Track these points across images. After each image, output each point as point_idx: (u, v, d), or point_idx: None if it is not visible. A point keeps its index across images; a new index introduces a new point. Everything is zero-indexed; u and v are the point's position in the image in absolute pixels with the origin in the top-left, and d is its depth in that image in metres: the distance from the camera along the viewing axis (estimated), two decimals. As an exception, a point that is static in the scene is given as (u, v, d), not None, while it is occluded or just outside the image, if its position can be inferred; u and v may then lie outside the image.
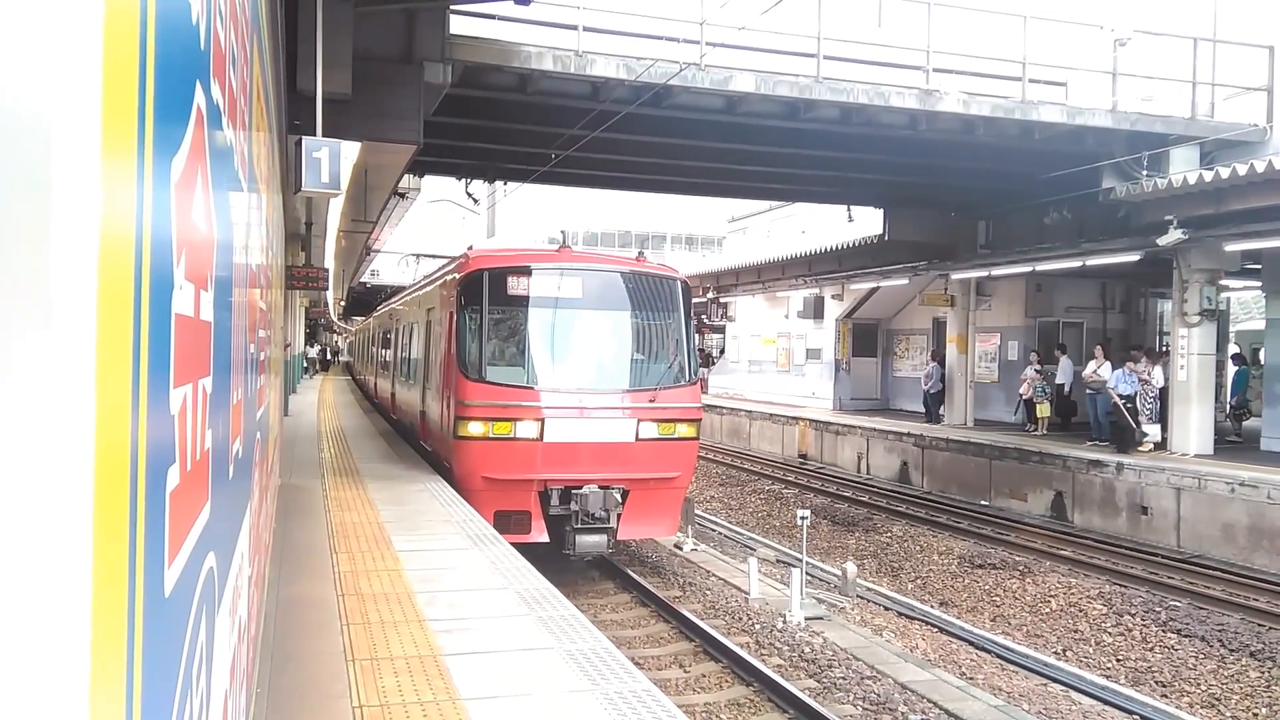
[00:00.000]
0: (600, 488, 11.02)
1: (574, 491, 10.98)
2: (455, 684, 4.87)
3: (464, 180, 21.08)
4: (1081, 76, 16.41)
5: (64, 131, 0.84)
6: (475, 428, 10.81)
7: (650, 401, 11.23)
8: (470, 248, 12.47)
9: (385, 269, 49.57)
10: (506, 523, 10.60)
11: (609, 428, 11.07)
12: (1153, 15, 19.24)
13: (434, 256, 26.45)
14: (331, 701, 4.64)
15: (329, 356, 64.27)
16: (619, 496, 11.07)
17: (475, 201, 23.50)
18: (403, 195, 20.61)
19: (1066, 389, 20.67)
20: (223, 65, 2.16)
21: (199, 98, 1.68)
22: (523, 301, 11.40)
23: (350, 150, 12.89)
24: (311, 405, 25.86)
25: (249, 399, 3.64)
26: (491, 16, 13.25)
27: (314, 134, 8.89)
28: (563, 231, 12.74)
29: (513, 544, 8.42)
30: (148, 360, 1.16)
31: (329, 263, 24.14)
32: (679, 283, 12.08)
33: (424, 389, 14.10)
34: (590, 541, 11.05)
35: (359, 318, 54.46)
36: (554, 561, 10.68)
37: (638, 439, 11.13)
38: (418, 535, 8.59)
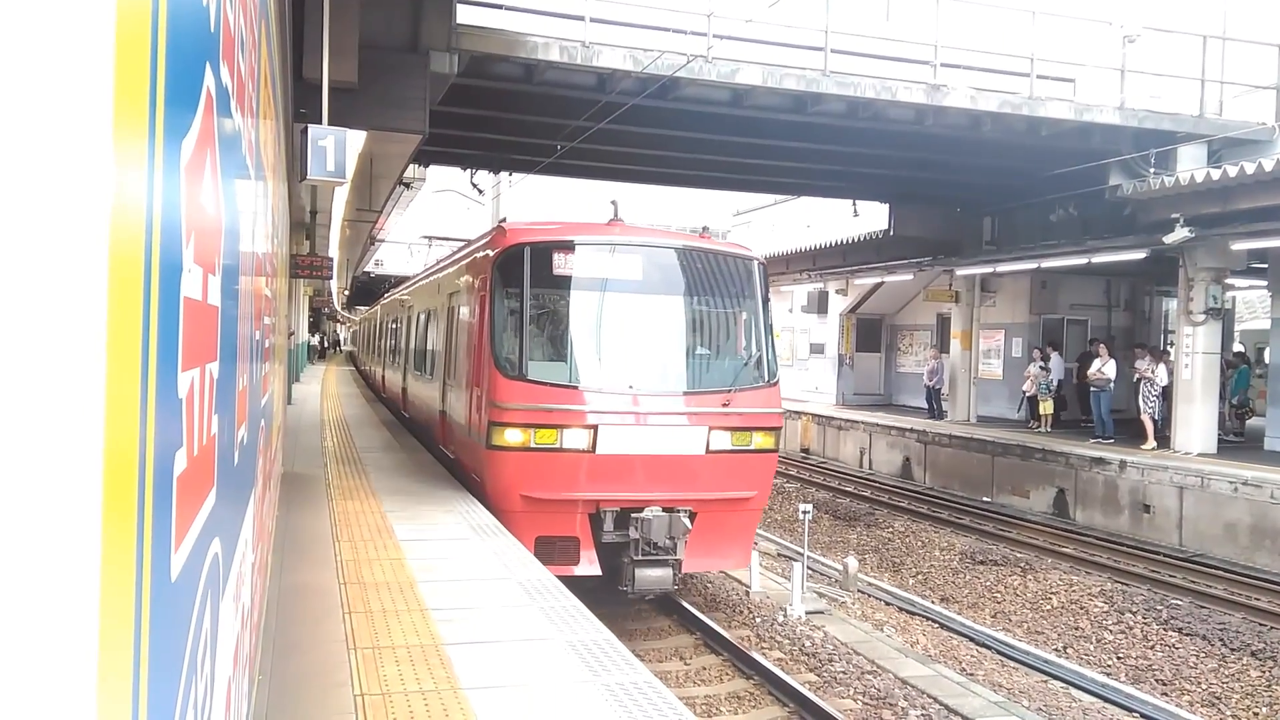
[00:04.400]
0: (664, 510, 9.23)
1: (633, 515, 9.21)
2: (456, 673, 4.88)
3: (469, 170, 21.07)
4: (1089, 73, 16.35)
5: (76, 108, 0.83)
6: (513, 435, 9.03)
7: (724, 405, 9.43)
8: (504, 219, 10.57)
9: (390, 258, 49.61)
10: (550, 551, 8.93)
11: (674, 437, 9.30)
12: (1162, 12, 19.15)
13: (447, 239, 23.70)
14: (333, 689, 4.65)
15: (326, 345, 64.28)
16: (687, 521, 9.24)
17: (480, 192, 23.49)
18: (408, 185, 20.61)
19: (1056, 385, 20.74)
20: (232, 49, 2.15)
21: (209, 80, 1.67)
22: (571, 283, 9.61)
23: (356, 139, 12.87)
24: (314, 394, 25.88)
25: (254, 385, 3.63)
26: (498, 6, 13.22)
27: (319, 122, 8.86)
28: (614, 201, 10.58)
29: (559, 576, 7.17)
30: (157, 343, 1.15)
31: (333, 252, 24.12)
32: (755, 263, 10.26)
33: (444, 386, 12.25)
34: (653, 576, 9.25)
35: (363, 307, 54.48)
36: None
37: (708, 450, 9.36)
38: (420, 524, 8.59)
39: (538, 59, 12.76)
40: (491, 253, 9.86)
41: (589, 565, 9.29)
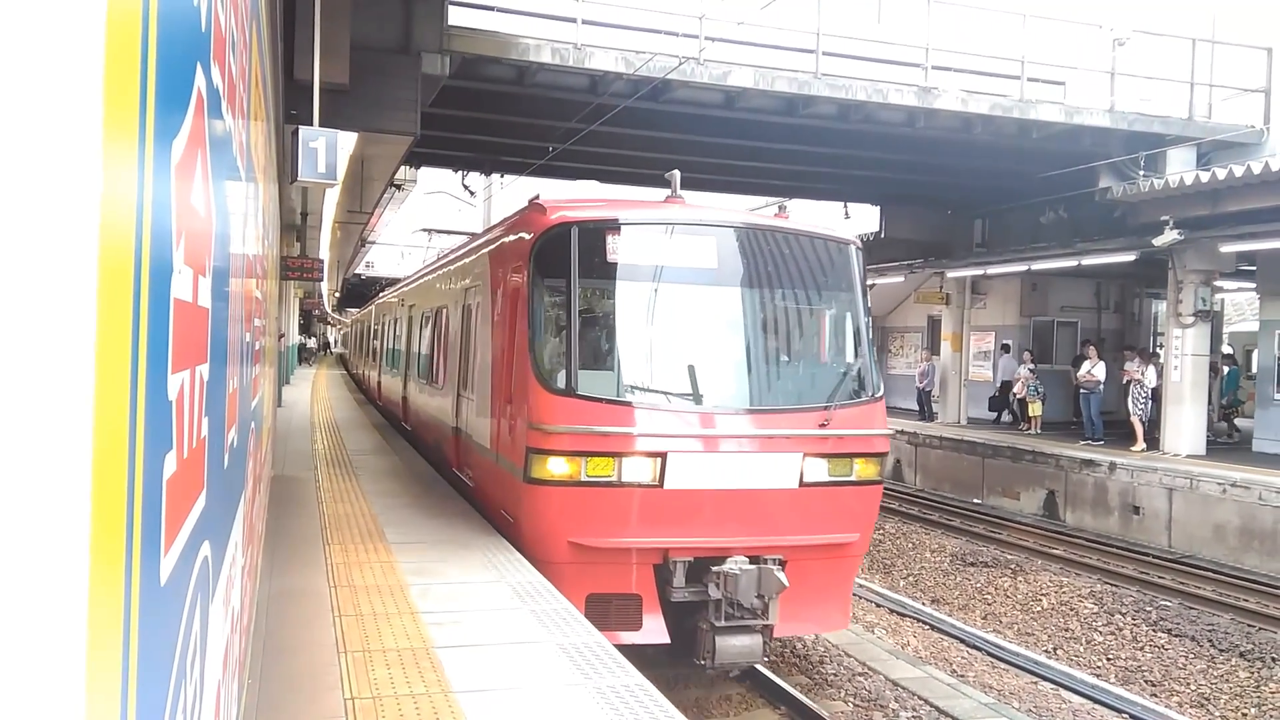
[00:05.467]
0: (749, 559, 7.41)
1: (712, 567, 7.41)
2: (447, 676, 4.86)
3: (461, 172, 21.04)
4: (1080, 76, 16.42)
5: (66, 109, 0.83)
6: (558, 466, 7.19)
7: (821, 426, 7.65)
8: (536, 196, 8.77)
9: (381, 260, 49.54)
10: (605, 613, 7.20)
11: (761, 466, 7.51)
12: (1152, 16, 19.25)
13: (449, 232, 21.95)
14: (323, 693, 4.63)
15: (316, 348, 63.94)
16: (782, 576, 7.31)
17: (472, 194, 23.47)
18: (399, 187, 20.58)
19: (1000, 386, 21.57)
20: (223, 49, 2.14)
21: (199, 80, 1.66)
22: (631, 273, 7.82)
23: (347, 141, 12.84)
24: (303, 398, 25.82)
25: (244, 388, 3.62)
26: (490, 8, 13.22)
27: (311, 124, 8.85)
28: (672, 174, 8.82)
29: (618, 647, 5.71)
30: (147, 344, 1.14)
31: (324, 254, 24.07)
32: (852, 248, 8.45)
33: (459, 399, 10.40)
34: (738, 646, 7.41)
35: (354, 309, 54.33)
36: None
37: (801, 483, 7.57)
38: (410, 527, 8.57)
39: (529, 61, 12.76)
40: (527, 236, 7.98)
41: (654, 630, 7.43)
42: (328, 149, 8.64)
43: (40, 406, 0.79)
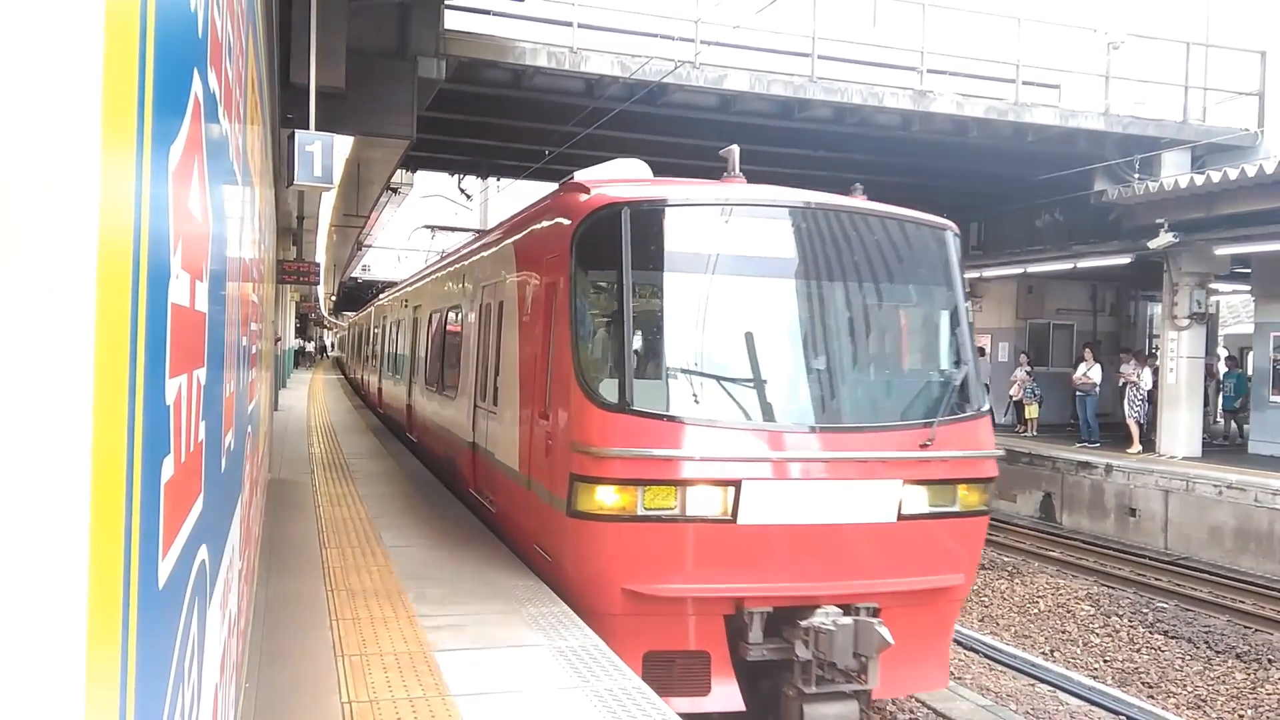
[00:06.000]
0: (839, 607, 6.13)
1: (801, 621, 6.07)
2: (445, 680, 4.86)
3: (457, 176, 21.05)
4: (1074, 79, 16.47)
5: (64, 114, 0.83)
6: (608, 497, 5.98)
7: (922, 447, 6.39)
8: (571, 176, 7.82)
9: (377, 264, 49.54)
10: (666, 674, 6.05)
11: (856, 497, 6.24)
12: (1146, 19, 19.33)
13: (453, 229, 20.50)
14: (321, 697, 4.63)
15: (313, 351, 63.79)
16: (884, 631, 5.89)
17: (468, 197, 23.48)
18: (395, 190, 20.60)
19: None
20: (219, 55, 2.15)
21: (196, 86, 1.66)
22: (695, 263, 6.61)
23: (343, 144, 12.85)
24: (300, 401, 25.80)
25: (241, 392, 3.62)
26: (486, 12, 13.24)
27: (307, 127, 8.85)
28: (729, 150, 7.78)
29: (684, 715, 5.01)
30: (145, 349, 1.15)
31: (320, 257, 24.07)
32: (949, 235, 7.26)
33: (475, 412, 9.22)
34: (833, 716, 6.11)
35: (350, 313, 54.27)
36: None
37: (900, 517, 6.32)
38: (407, 531, 8.56)
39: (526, 65, 12.78)
40: (566, 221, 6.81)
41: (725, 696, 6.19)
42: (324, 153, 8.65)
43: (40, 411, 0.80)
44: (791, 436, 6.27)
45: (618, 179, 7.61)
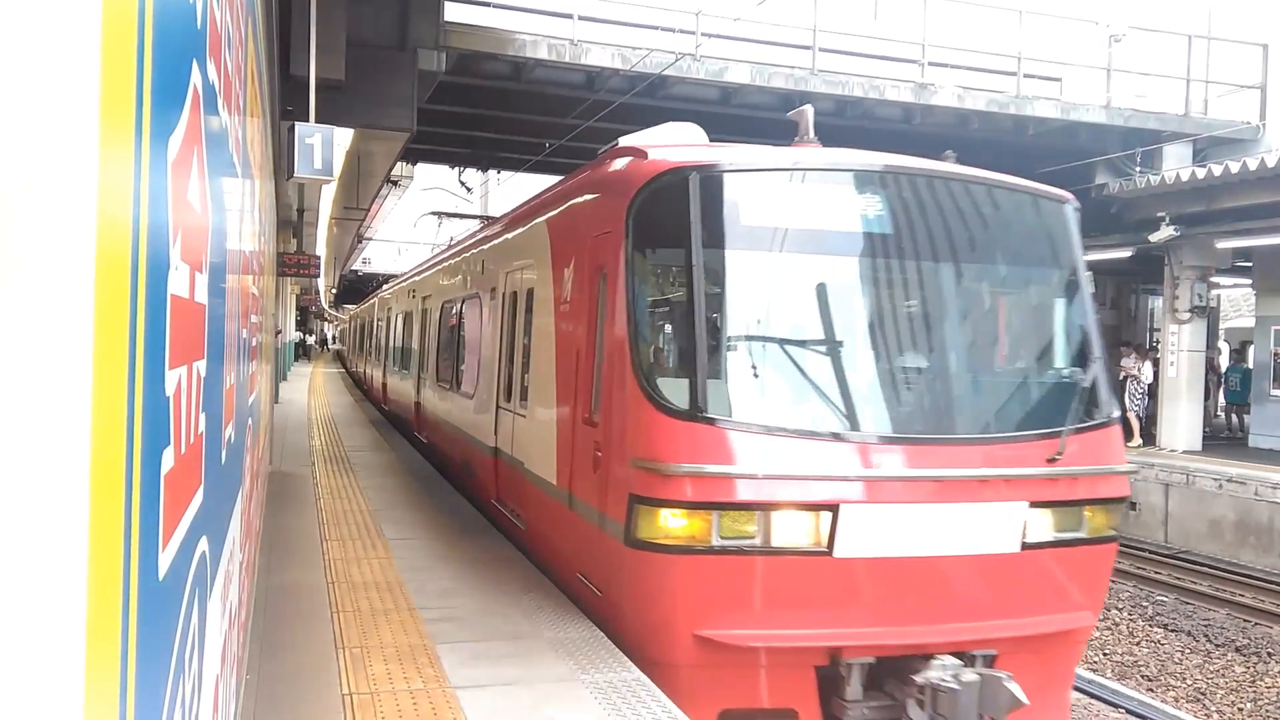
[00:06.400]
0: (954, 656, 5.16)
1: (915, 676, 5.07)
2: (445, 671, 4.87)
3: (457, 169, 21.03)
4: (1076, 72, 16.45)
5: (62, 105, 0.83)
6: (676, 522, 5.02)
7: (1050, 462, 5.40)
8: (616, 143, 6.82)
9: (377, 257, 49.54)
10: None
11: (975, 522, 5.22)
12: (1148, 12, 19.29)
13: (462, 216, 19.62)
14: (321, 689, 4.64)
15: (309, 344, 63.68)
16: (1016, 689, 5.01)
17: (468, 190, 23.46)
18: (395, 183, 20.58)
19: None
20: (219, 46, 2.14)
21: (195, 77, 1.66)
22: (778, 241, 5.55)
23: (343, 137, 12.84)
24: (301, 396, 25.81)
25: (241, 384, 3.62)
26: (487, 4, 13.23)
27: (307, 120, 8.84)
28: (802, 110, 7.07)
29: None
30: (144, 340, 1.14)
31: (320, 250, 24.06)
32: (1069, 209, 6.19)
33: (499, 414, 8.31)
34: None
35: (351, 306, 54.26)
36: None
37: (1024, 545, 5.34)
38: (408, 524, 8.58)
39: (526, 57, 12.76)
40: (622, 192, 5.73)
41: None
42: (324, 145, 8.64)
43: (39, 402, 0.80)
44: (897, 450, 5.23)
45: (673, 144, 6.42)
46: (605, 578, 5.60)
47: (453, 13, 12.44)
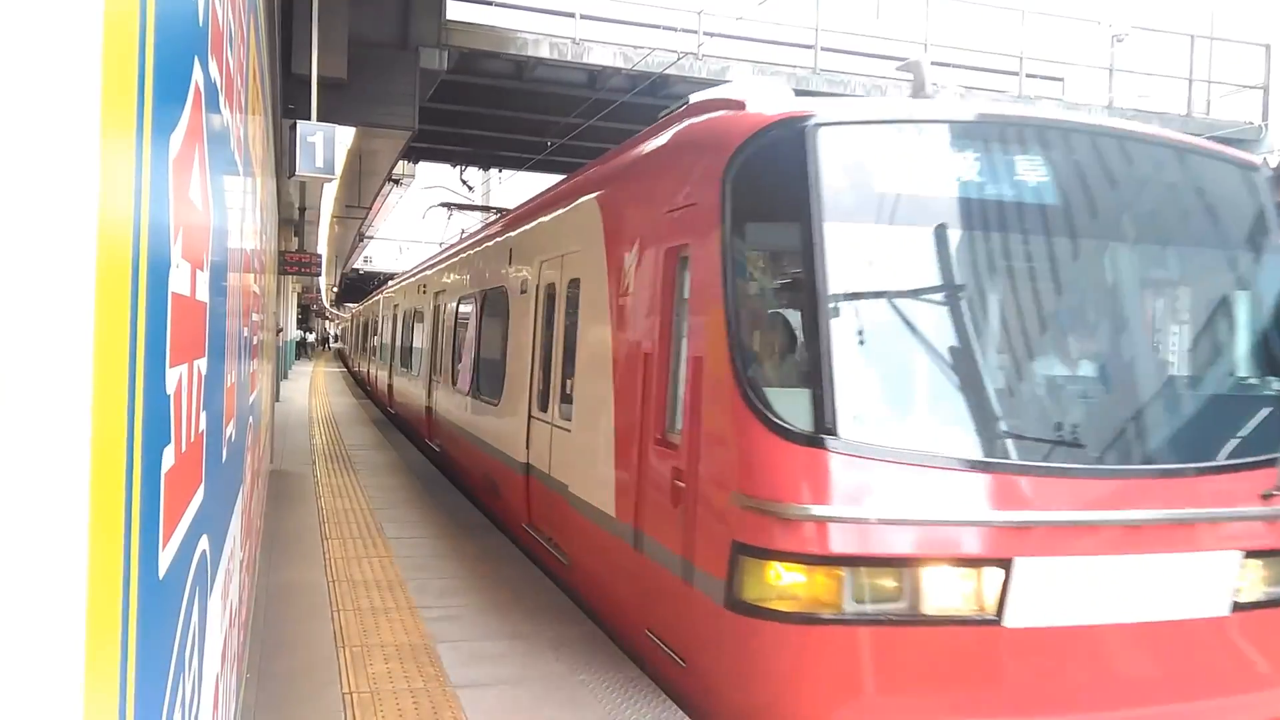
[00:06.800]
0: None
1: None
2: (446, 670, 4.87)
3: (459, 167, 21.04)
4: (1078, 72, 16.43)
5: (63, 102, 0.83)
6: (793, 577, 3.91)
7: (1266, 499, 4.20)
8: (687, 100, 5.84)
9: (379, 255, 49.59)
10: None
11: (1174, 578, 4.08)
12: (1150, 12, 19.29)
13: (473, 208, 18.78)
14: (321, 688, 4.64)
15: (310, 342, 63.66)
16: None
17: (470, 189, 23.47)
18: (396, 181, 20.59)
19: None
20: (220, 44, 2.14)
21: (197, 74, 1.66)
22: (922, 214, 4.30)
23: (345, 135, 12.85)
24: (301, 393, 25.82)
25: (242, 382, 3.62)
26: (489, 2, 13.23)
27: (309, 118, 8.85)
28: (914, 61, 5.50)
29: None
30: (145, 338, 1.14)
31: (322, 248, 24.07)
32: (1262, 176, 4.90)
33: (531, 426, 7.29)
34: None
35: (352, 304, 54.24)
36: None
37: (1235, 606, 4.17)
38: (409, 523, 8.58)
39: (528, 56, 12.76)
40: (713, 152, 4.54)
41: None
42: (325, 143, 8.65)
43: (39, 400, 0.80)
44: (1082, 484, 4.03)
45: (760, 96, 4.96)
46: (692, 644, 4.38)
47: (455, 11, 12.45)
